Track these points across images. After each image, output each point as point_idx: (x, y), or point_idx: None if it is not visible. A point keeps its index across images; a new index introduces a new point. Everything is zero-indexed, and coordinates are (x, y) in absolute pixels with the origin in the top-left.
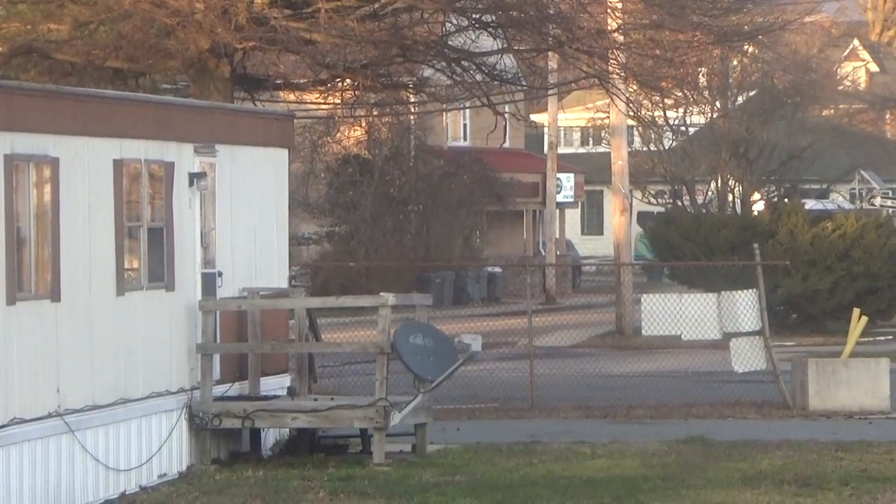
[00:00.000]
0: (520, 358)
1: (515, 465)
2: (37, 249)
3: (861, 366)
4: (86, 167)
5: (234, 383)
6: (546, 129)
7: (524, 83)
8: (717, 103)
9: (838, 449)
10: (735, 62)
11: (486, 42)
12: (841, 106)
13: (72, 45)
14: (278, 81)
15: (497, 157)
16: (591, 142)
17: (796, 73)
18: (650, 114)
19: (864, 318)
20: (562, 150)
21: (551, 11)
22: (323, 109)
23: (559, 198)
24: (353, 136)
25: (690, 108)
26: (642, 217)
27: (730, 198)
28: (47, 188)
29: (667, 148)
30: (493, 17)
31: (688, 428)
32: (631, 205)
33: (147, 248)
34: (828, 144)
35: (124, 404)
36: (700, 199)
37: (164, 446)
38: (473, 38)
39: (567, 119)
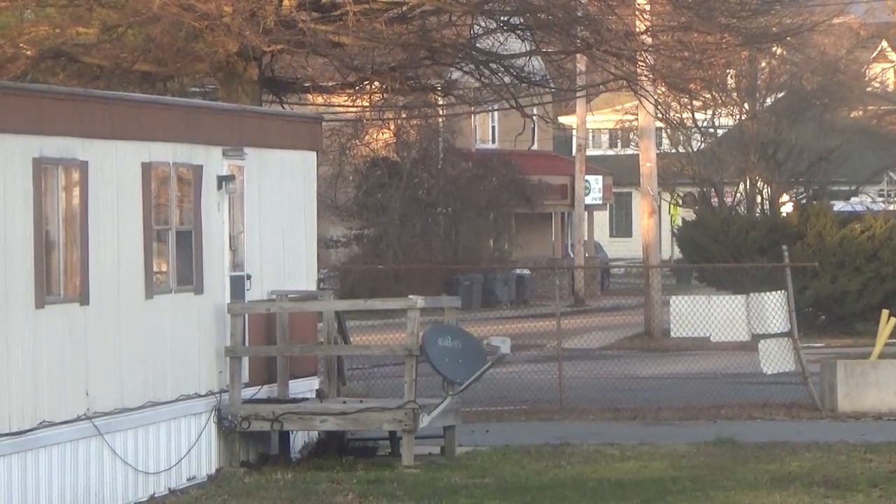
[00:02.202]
0: (548, 360)
1: (544, 467)
2: (65, 253)
3: (890, 367)
4: (114, 170)
5: (263, 386)
6: (574, 132)
7: (552, 85)
8: (746, 105)
9: (867, 450)
10: (763, 64)
11: (515, 44)
12: (869, 107)
13: (100, 49)
14: (306, 84)
15: (525, 160)
16: (619, 144)
17: (825, 75)
18: (679, 116)
19: (893, 320)
20: (590, 152)
21: (579, 14)
22: (351, 112)
23: (587, 200)
24: (381, 138)
25: (719, 110)
26: None
27: (758, 200)
28: (76, 191)
29: (695, 150)
30: (522, 20)
31: (717, 429)
32: (659, 207)
33: (175, 252)
34: (856, 146)
35: (153, 407)
36: (729, 201)
37: (193, 449)
38: (501, 40)
39: (595, 121)
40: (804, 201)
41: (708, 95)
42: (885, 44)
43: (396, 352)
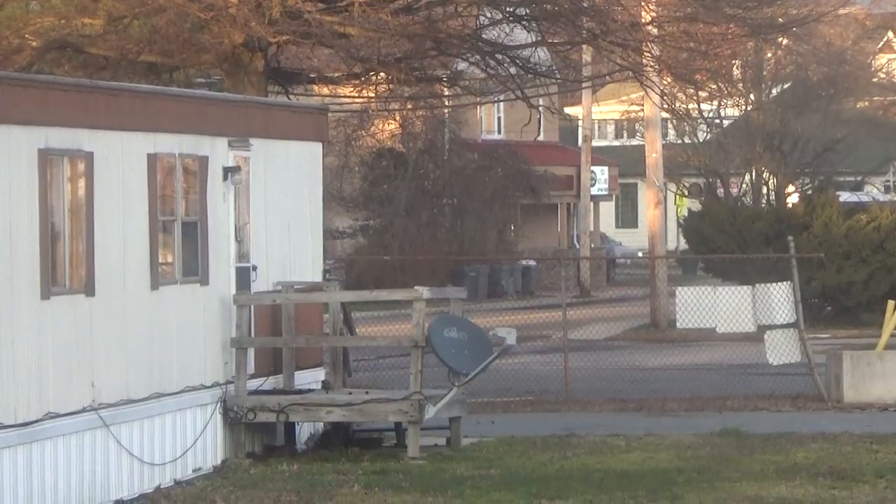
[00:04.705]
0: (554, 351)
1: (550, 458)
2: (71, 244)
3: None
4: (120, 161)
5: (269, 377)
6: (580, 122)
7: (558, 76)
8: (752, 96)
9: (873, 441)
10: (769, 54)
11: (520, 35)
12: (875, 98)
13: (106, 40)
14: (312, 75)
15: (531, 150)
16: (625, 134)
17: (830, 66)
18: (684, 106)
19: None
20: (596, 142)
21: (585, 4)
22: (357, 103)
23: (593, 191)
24: (387, 129)
25: (724, 101)
26: None
27: (764, 190)
28: (81, 182)
29: (701, 140)
30: (527, 10)
31: (722, 420)
32: (665, 197)
33: (181, 243)
34: (862, 136)
35: (158, 398)
36: (734, 192)
37: (199, 440)
38: (507, 31)
39: (601, 112)
40: (810, 192)
41: (714, 86)
42: (890, 34)
43: (402, 343)
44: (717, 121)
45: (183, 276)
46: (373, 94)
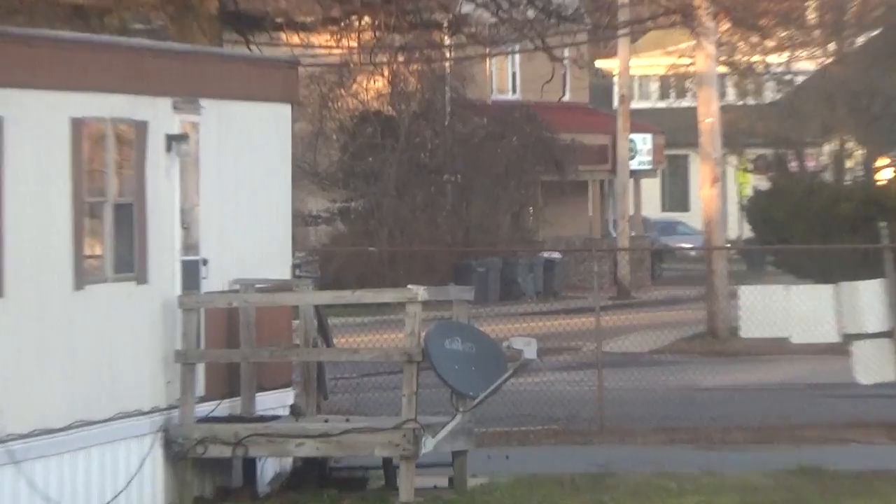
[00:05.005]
0: (585, 367)
1: None
2: None
3: None
4: (36, 128)
5: (223, 400)
6: (616, 79)
7: (588, 21)
8: (831, 46)
9: None
10: None
11: None
12: None
13: None
14: (279, 20)
15: (555, 114)
16: (672, 95)
17: None
18: (747, 59)
19: None
20: (636, 104)
21: None
22: (335, 55)
23: (633, 164)
24: (372, 88)
25: (797, 52)
26: None
27: (848, 164)
28: None
29: (769, 102)
30: None
31: (799, 455)
32: (724, 173)
33: (113, 230)
34: None
35: (83, 427)
36: (811, 166)
37: (134, 481)
38: None
39: (642, 66)
40: None
41: (783, 33)
42: None
43: (392, 357)
44: (788, 77)
45: (115, 272)
46: (355, 44)
